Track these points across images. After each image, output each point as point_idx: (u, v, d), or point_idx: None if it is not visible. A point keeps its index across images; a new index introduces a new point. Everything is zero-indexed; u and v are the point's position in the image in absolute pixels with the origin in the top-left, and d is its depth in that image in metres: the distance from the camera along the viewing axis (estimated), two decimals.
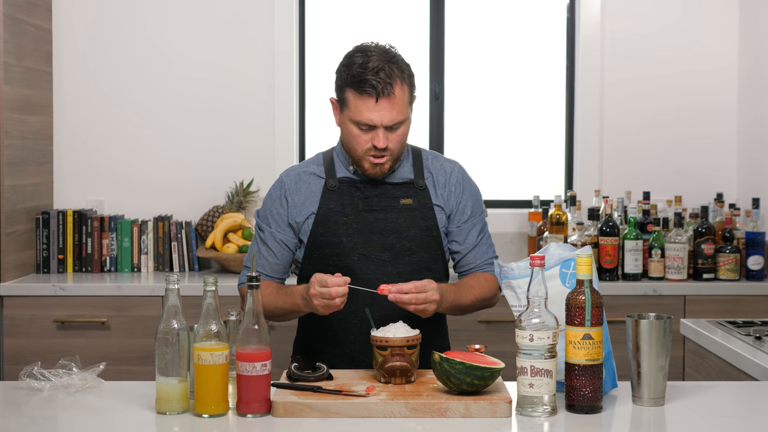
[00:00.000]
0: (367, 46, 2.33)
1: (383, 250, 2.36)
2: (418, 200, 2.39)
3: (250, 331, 1.86)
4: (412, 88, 2.34)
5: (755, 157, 4.03)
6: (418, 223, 2.38)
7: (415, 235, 2.37)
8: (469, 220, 2.44)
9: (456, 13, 4.30)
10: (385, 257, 2.36)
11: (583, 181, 4.18)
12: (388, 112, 2.27)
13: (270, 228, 2.43)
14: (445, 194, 2.43)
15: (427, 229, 2.39)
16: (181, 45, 4.13)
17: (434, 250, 2.40)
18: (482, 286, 2.41)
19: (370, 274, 2.34)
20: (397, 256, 2.36)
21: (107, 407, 1.96)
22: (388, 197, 2.38)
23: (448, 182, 2.44)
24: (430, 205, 2.40)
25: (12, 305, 3.56)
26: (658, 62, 4.18)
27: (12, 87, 3.64)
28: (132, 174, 4.13)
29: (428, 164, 2.45)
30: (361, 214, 2.37)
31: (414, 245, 2.37)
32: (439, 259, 2.43)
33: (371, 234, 2.36)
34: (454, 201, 2.43)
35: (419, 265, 2.37)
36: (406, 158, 2.44)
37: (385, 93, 2.26)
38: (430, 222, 2.39)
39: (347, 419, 1.84)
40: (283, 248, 2.43)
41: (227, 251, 3.85)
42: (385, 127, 2.29)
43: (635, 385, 1.95)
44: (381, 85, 2.25)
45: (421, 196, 2.40)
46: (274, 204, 2.43)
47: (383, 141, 2.29)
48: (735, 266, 3.70)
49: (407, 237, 2.37)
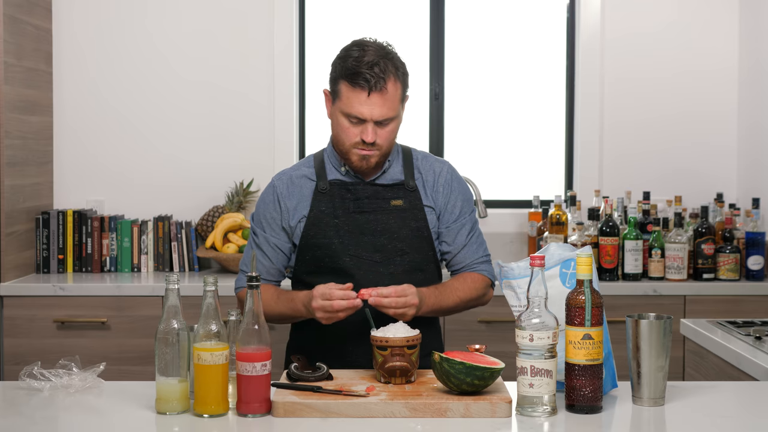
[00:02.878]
0: (364, 41, 2.35)
1: (375, 251, 2.37)
2: (409, 201, 2.40)
3: (250, 331, 1.86)
4: (405, 86, 2.35)
5: (755, 157, 4.03)
6: (409, 224, 2.38)
7: (406, 235, 2.38)
8: (458, 220, 2.44)
9: (456, 13, 4.30)
10: (376, 258, 2.36)
11: (583, 181, 4.18)
12: (379, 107, 2.28)
13: (264, 233, 2.43)
14: (435, 194, 2.43)
15: (418, 230, 2.39)
16: (181, 45, 4.13)
17: (425, 250, 2.41)
18: (468, 287, 2.41)
19: (362, 275, 2.35)
20: (389, 257, 2.37)
21: (107, 407, 1.96)
22: (378, 198, 2.39)
23: (437, 182, 2.44)
24: (420, 206, 2.40)
25: (12, 305, 3.56)
26: (658, 62, 4.18)
27: (12, 87, 3.64)
28: (132, 174, 4.13)
29: (418, 164, 2.45)
30: (352, 215, 2.38)
31: (405, 246, 2.38)
32: (430, 259, 2.43)
33: (362, 235, 2.37)
34: (443, 201, 2.43)
35: (411, 266, 2.38)
36: (397, 159, 2.44)
37: (378, 88, 2.27)
38: (420, 223, 2.39)
39: (347, 419, 1.84)
40: (278, 252, 2.44)
41: (227, 251, 3.86)
42: (375, 122, 2.30)
43: (635, 385, 1.95)
44: (374, 79, 2.26)
45: (411, 197, 2.40)
46: (267, 208, 2.44)
47: (372, 135, 2.29)
48: (735, 266, 3.70)
49: (398, 238, 2.37)
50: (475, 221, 2.48)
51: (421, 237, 2.39)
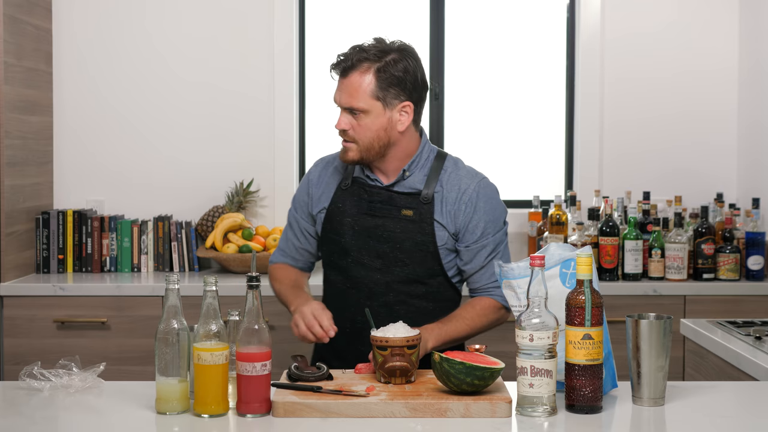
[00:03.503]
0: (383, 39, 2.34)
1: (376, 257, 2.34)
2: (420, 213, 2.32)
3: (250, 331, 1.86)
4: (389, 86, 2.27)
5: (755, 157, 4.03)
6: (414, 236, 2.32)
7: (409, 247, 2.32)
8: (479, 241, 2.34)
9: (456, 13, 4.30)
10: (377, 264, 2.34)
11: (583, 181, 4.18)
12: (344, 93, 2.27)
13: (296, 213, 2.50)
14: (453, 212, 2.33)
15: (423, 243, 2.32)
16: (181, 45, 4.13)
17: (429, 264, 2.34)
18: (476, 314, 2.33)
19: (360, 279, 2.35)
20: (389, 265, 2.33)
21: (107, 407, 1.96)
22: (391, 205, 2.33)
23: (459, 200, 2.33)
24: (430, 221, 2.32)
25: (12, 305, 3.56)
26: (658, 62, 4.18)
27: (12, 87, 3.64)
28: (132, 174, 4.13)
29: (444, 177, 2.35)
30: (363, 217, 2.35)
31: (406, 257, 2.33)
32: (436, 273, 2.35)
33: (368, 239, 2.34)
34: (463, 220, 2.33)
35: (410, 278, 2.34)
36: (422, 167, 2.35)
37: (344, 74, 2.27)
38: (427, 237, 2.32)
39: (347, 419, 1.84)
40: (305, 236, 2.49)
41: (227, 251, 3.85)
42: (348, 111, 2.28)
43: (635, 385, 1.95)
44: (342, 63, 2.27)
45: (423, 209, 2.32)
46: (301, 192, 2.50)
47: (340, 122, 2.29)
48: (735, 266, 3.70)
49: (401, 248, 2.32)
50: (499, 242, 2.36)
51: (425, 251, 2.32)
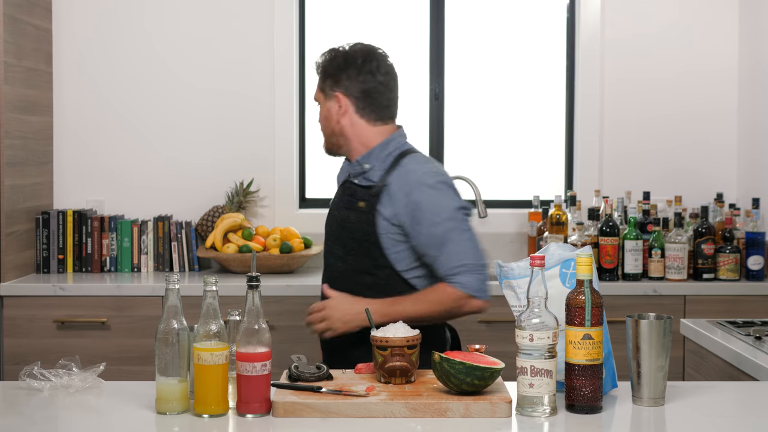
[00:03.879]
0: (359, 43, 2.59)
1: (341, 246, 2.50)
2: (369, 205, 2.45)
3: (250, 331, 1.86)
4: (325, 80, 2.53)
5: (755, 157, 4.03)
6: (362, 227, 2.45)
7: (359, 237, 2.46)
8: (428, 229, 2.39)
9: (456, 13, 4.30)
10: (339, 253, 2.51)
11: (583, 181, 4.18)
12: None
13: None
14: (394, 202, 2.42)
15: (367, 233, 2.44)
16: (181, 45, 4.13)
17: (374, 255, 2.43)
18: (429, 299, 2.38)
19: (327, 267, 2.55)
20: (345, 255, 2.49)
21: (107, 407, 1.96)
22: (352, 197, 2.49)
23: (400, 190, 2.42)
24: (373, 212, 2.43)
25: (12, 305, 3.56)
26: (658, 62, 4.18)
27: (12, 87, 3.64)
28: (132, 174, 4.13)
29: (396, 171, 2.44)
30: (338, 208, 2.55)
31: (356, 246, 2.46)
32: (383, 265, 2.43)
33: (337, 229, 2.52)
34: (405, 212, 2.41)
35: (359, 268, 2.46)
36: (382, 162, 2.48)
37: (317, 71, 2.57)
38: (370, 228, 2.43)
39: (347, 419, 1.84)
40: None
41: (227, 251, 3.85)
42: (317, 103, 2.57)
43: (635, 385, 1.95)
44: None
45: (372, 201, 2.45)
46: None
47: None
48: (735, 266, 3.70)
49: (353, 238, 2.47)
50: (451, 229, 2.39)
51: (369, 242, 2.44)
